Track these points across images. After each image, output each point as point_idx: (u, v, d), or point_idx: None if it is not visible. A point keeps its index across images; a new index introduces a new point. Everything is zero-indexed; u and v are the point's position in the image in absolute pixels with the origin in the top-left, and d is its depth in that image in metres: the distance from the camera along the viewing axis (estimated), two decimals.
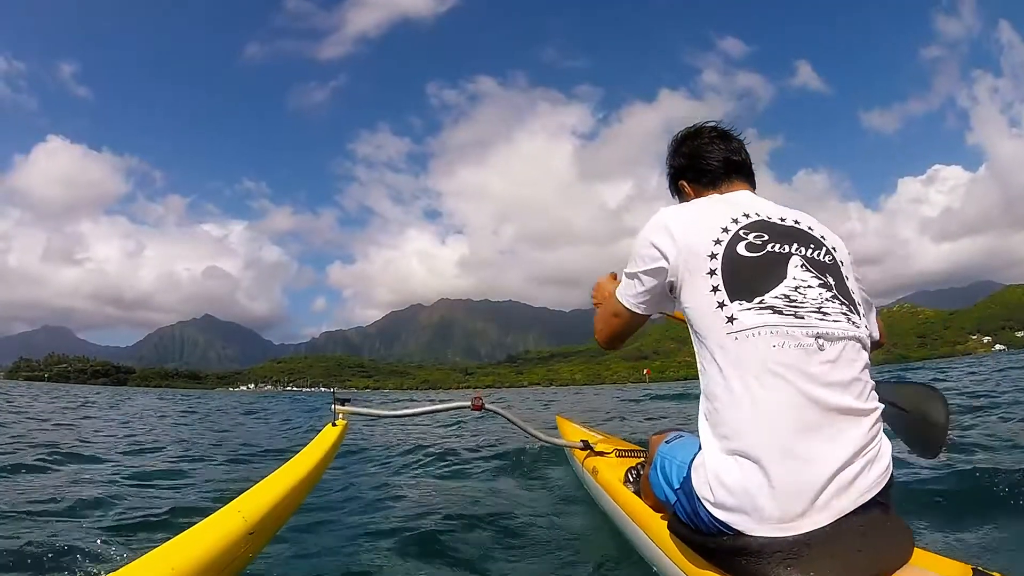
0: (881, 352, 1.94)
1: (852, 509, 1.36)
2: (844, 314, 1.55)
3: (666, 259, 1.63)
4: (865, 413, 1.45)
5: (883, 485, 1.42)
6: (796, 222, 1.69)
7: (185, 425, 11.79)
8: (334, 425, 2.75)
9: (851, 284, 1.65)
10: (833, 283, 1.59)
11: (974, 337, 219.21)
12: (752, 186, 1.90)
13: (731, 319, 1.51)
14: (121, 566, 1.26)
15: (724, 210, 1.67)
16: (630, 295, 1.76)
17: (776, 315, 1.49)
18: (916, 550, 1.46)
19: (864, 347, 1.55)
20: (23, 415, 12.69)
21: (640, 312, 1.78)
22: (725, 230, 1.61)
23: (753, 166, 1.94)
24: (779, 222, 1.67)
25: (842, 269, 1.65)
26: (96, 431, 9.51)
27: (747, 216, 1.65)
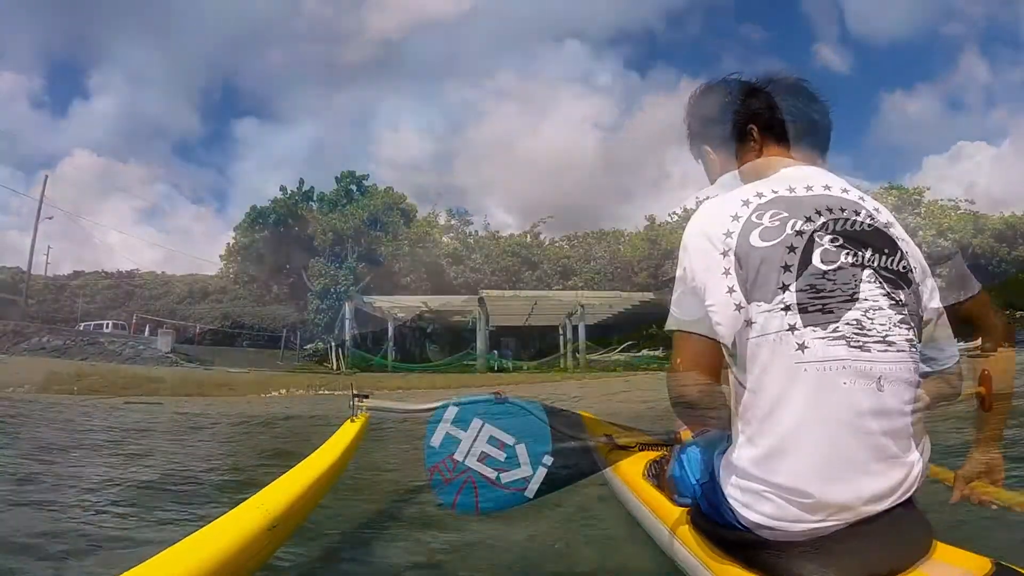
0: None
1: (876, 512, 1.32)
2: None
3: (689, 265, 1.40)
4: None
5: (910, 493, 1.36)
6: (826, 187, 1.41)
7: None
8: (353, 420, 2.73)
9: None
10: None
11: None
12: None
13: (750, 322, 1.30)
14: (142, 561, 1.25)
15: (740, 193, 1.41)
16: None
17: (798, 314, 1.28)
18: (936, 543, 1.42)
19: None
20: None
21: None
22: (735, 218, 1.35)
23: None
24: (804, 193, 1.38)
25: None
26: None
27: (763, 195, 1.38)
